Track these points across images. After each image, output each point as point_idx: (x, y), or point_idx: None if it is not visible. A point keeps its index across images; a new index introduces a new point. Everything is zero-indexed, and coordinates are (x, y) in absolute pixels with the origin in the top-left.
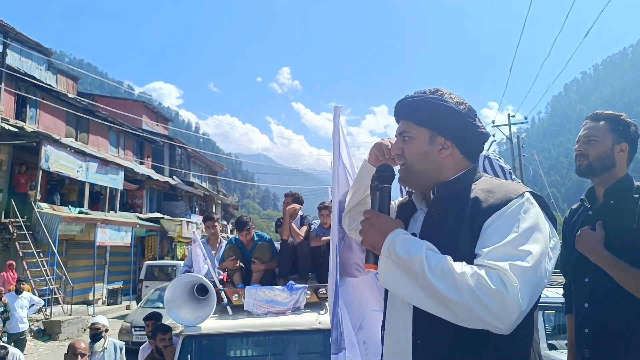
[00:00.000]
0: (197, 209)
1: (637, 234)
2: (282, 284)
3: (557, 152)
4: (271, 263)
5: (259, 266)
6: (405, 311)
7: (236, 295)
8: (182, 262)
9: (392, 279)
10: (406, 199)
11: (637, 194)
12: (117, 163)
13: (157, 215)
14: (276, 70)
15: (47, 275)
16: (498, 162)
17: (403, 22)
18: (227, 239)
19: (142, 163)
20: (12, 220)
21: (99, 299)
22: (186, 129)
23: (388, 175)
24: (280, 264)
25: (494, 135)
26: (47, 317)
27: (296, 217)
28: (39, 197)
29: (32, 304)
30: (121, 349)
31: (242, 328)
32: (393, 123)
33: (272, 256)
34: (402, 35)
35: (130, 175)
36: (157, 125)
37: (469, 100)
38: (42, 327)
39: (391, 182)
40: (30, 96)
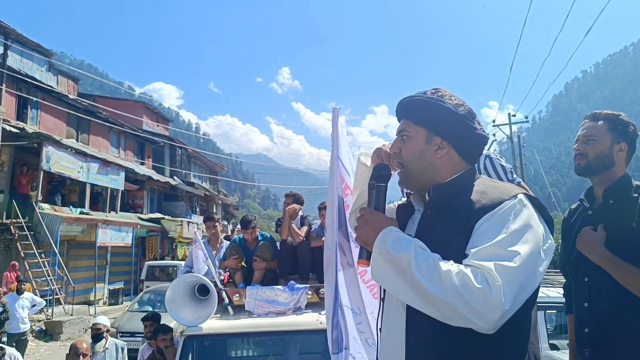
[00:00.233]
0: (197, 209)
1: (636, 233)
2: (283, 284)
3: (558, 151)
4: (272, 262)
5: (260, 264)
6: (400, 311)
7: (237, 295)
8: (182, 263)
9: (382, 275)
10: (405, 200)
11: (636, 193)
12: (118, 164)
13: (157, 215)
14: (276, 70)
15: (49, 275)
16: (499, 161)
17: (403, 22)
18: (232, 237)
19: (142, 163)
20: (13, 220)
21: (100, 299)
22: (186, 129)
23: (384, 174)
24: (280, 263)
25: (495, 135)
26: (49, 317)
27: (296, 217)
28: (40, 197)
29: (33, 305)
30: (123, 349)
31: (243, 328)
32: (393, 123)
33: (274, 255)
34: (402, 35)
35: (131, 176)
36: (158, 125)
37: (470, 99)
38: (44, 328)
39: (387, 180)
40: (31, 97)
